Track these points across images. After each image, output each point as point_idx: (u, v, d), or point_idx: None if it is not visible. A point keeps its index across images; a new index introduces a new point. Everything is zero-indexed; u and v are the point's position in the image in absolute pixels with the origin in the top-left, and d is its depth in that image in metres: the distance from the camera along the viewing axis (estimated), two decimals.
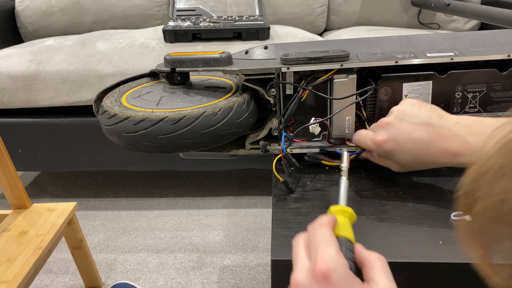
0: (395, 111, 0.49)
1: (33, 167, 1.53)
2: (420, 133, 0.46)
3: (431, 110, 0.48)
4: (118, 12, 1.79)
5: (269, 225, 1.41)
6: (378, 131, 0.50)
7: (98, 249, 1.33)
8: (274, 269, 0.43)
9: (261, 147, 0.61)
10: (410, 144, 0.47)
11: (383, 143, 0.48)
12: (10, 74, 1.32)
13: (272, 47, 0.63)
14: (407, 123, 0.47)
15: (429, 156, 0.46)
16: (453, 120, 0.46)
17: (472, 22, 1.81)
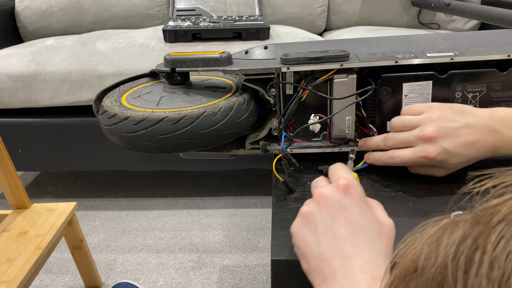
0: (433, 119, 0.48)
1: (33, 167, 1.53)
2: (465, 137, 0.47)
3: (462, 110, 0.48)
4: (118, 12, 1.79)
5: (269, 225, 1.41)
6: (425, 146, 0.48)
7: (98, 249, 1.33)
8: (274, 269, 0.43)
9: (261, 147, 0.61)
10: (459, 149, 0.47)
11: (437, 156, 0.48)
12: (10, 74, 1.32)
13: (272, 47, 0.63)
14: (450, 129, 0.47)
15: (474, 154, 0.48)
16: (486, 115, 0.48)
17: (472, 22, 1.81)
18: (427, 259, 0.20)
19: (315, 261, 0.36)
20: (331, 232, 0.36)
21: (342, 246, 0.35)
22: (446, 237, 0.20)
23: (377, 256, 0.36)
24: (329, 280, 0.35)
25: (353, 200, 0.38)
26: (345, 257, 0.35)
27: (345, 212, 0.37)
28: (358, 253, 0.35)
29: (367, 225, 0.37)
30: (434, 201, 0.50)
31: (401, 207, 0.49)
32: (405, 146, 0.50)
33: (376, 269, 0.35)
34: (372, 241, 0.36)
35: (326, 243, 0.36)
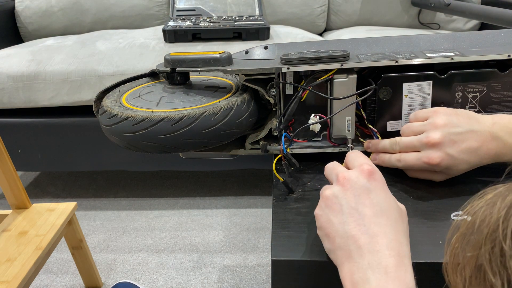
0: (438, 125, 0.48)
1: (33, 167, 1.53)
2: (469, 142, 0.47)
3: (467, 116, 0.49)
4: (118, 12, 1.79)
5: (269, 225, 1.41)
6: (429, 151, 0.48)
7: (98, 249, 1.33)
8: (274, 269, 0.43)
9: (261, 147, 0.61)
10: (463, 155, 0.47)
11: (441, 162, 0.48)
12: (10, 74, 1.32)
13: (272, 47, 0.63)
14: (455, 135, 0.47)
15: (477, 160, 0.48)
16: (490, 122, 0.48)
17: (472, 22, 1.81)
18: (482, 221, 0.25)
19: (340, 239, 0.37)
20: (357, 212, 0.38)
21: (368, 225, 0.37)
22: (500, 201, 0.24)
23: (400, 235, 0.37)
24: (355, 256, 0.36)
25: (377, 184, 0.39)
26: (371, 235, 0.36)
27: (369, 194, 0.39)
28: (383, 232, 0.36)
29: (390, 208, 0.38)
30: (434, 201, 0.50)
31: None
32: (411, 151, 0.50)
33: (401, 247, 0.36)
34: (395, 222, 0.38)
35: (351, 222, 0.37)
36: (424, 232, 0.45)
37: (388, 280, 0.34)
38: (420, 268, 0.41)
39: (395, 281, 0.34)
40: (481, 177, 0.53)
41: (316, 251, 0.43)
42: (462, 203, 0.49)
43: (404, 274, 0.34)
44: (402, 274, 0.34)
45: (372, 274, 0.34)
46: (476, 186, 0.52)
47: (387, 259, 0.35)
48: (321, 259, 0.42)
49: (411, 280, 0.34)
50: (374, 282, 0.34)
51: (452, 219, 0.47)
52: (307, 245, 0.44)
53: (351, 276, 0.35)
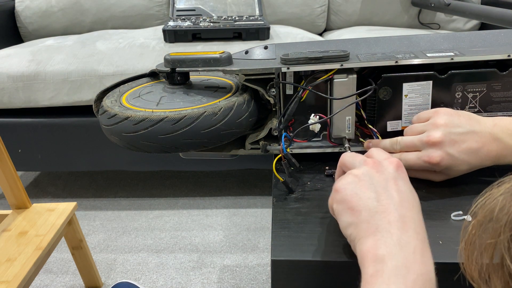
0: (439, 125, 0.48)
1: (33, 167, 1.53)
2: (469, 143, 0.47)
3: (468, 117, 0.49)
4: (118, 12, 1.79)
5: (269, 225, 1.41)
6: (429, 150, 0.48)
7: (98, 249, 1.33)
8: (274, 269, 0.43)
9: (261, 147, 0.61)
10: (464, 155, 0.47)
11: (441, 161, 0.48)
12: (10, 74, 1.32)
13: (272, 47, 0.63)
14: (456, 135, 0.47)
15: (477, 161, 0.48)
16: (490, 123, 0.48)
17: (472, 22, 1.81)
18: (502, 209, 0.25)
19: (368, 213, 0.37)
20: (386, 192, 0.38)
21: (396, 205, 0.37)
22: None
23: (423, 223, 0.38)
24: (382, 231, 0.36)
25: (404, 176, 0.41)
26: (400, 215, 0.37)
27: (397, 182, 0.39)
28: (411, 216, 0.37)
29: (414, 198, 0.39)
30: (434, 201, 0.50)
31: None
32: (412, 150, 0.50)
33: (425, 233, 0.37)
34: (418, 212, 0.38)
35: (382, 200, 0.38)
36: None
37: (416, 260, 0.34)
38: None
39: (421, 264, 0.34)
40: (481, 177, 0.53)
41: (316, 251, 0.43)
42: (462, 203, 0.49)
43: (428, 260, 0.34)
44: (426, 258, 0.34)
45: (400, 250, 0.34)
46: (476, 186, 0.52)
47: (415, 240, 0.35)
48: (321, 259, 0.42)
49: (432, 267, 0.34)
50: (401, 259, 0.33)
51: (452, 219, 0.47)
52: (307, 245, 0.44)
53: (376, 250, 0.35)
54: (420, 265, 0.33)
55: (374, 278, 0.33)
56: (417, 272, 0.33)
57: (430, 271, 0.34)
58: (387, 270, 0.33)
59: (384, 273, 0.33)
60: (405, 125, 0.57)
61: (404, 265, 0.33)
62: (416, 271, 0.33)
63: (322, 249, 0.43)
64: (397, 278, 0.32)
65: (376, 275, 0.33)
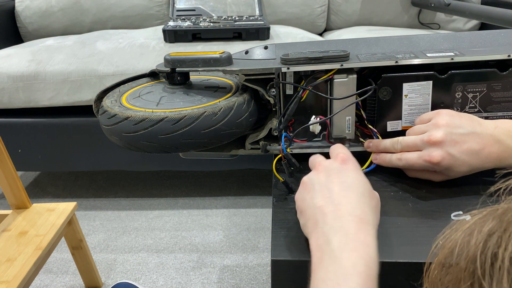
0: (441, 125, 0.48)
1: (33, 167, 1.53)
2: (471, 144, 0.47)
3: (470, 119, 0.49)
4: (118, 12, 1.79)
5: (269, 225, 1.41)
6: (430, 150, 0.48)
7: (98, 249, 1.33)
8: (274, 269, 0.43)
9: (261, 147, 0.61)
10: (464, 156, 0.47)
11: (442, 161, 0.48)
12: (10, 74, 1.32)
13: (272, 47, 0.63)
14: (457, 135, 0.47)
15: (478, 163, 0.48)
16: (492, 125, 0.48)
17: (472, 22, 1.81)
18: (460, 252, 0.24)
19: (310, 210, 0.41)
20: (326, 188, 0.41)
21: (334, 197, 0.40)
22: (476, 232, 0.24)
23: (365, 206, 0.40)
24: (320, 223, 0.39)
25: (348, 167, 0.43)
26: (336, 204, 0.39)
27: (339, 174, 0.42)
28: (348, 201, 0.39)
29: (359, 185, 0.41)
30: (434, 201, 0.50)
31: (401, 207, 0.49)
32: (413, 150, 0.50)
33: (364, 215, 0.39)
34: (362, 196, 0.40)
35: (320, 196, 0.41)
36: (424, 232, 0.45)
37: (349, 240, 0.36)
38: (419, 268, 0.41)
39: (355, 242, 0.36)
40: (481, 177, 0.53)
41: None
42: (462, 203, 0.49)
43: (364, 237, 0.37)
44: (362, 236, 0.36)
45: (334, 235, 0.37)
46: (476, 186, 0.52)
47: (348, 223, 0.37)
48: None
49: (372, 242, 0.37)
50: (335, 243, 0.36)
51: (452, 219, 0.47)
52: (307, 245, 0.44)
53: (317, 241, 0.38)
54: (353, 243, 0.36)
55: (316, 265, 0.36)
56: (350, 249, 0.35)
57: (366, 245, 0.36)
58: (325, 256, 0.36)
59: (323, 259, 0.36)
60: (405, 125, 0.57)
61: (338, 248, 0.36)
62: (349, 249, 0.35)
63: None
64: (332, 260, 0.35)
65: (318, 262, 0.36)
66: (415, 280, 0.42)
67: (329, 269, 0.35)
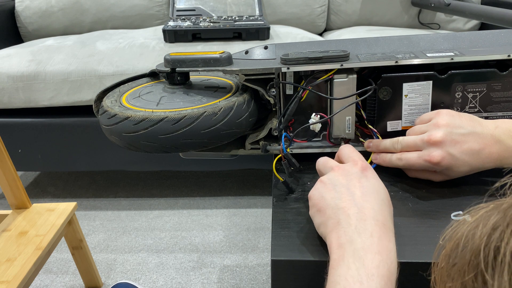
0: (441, 125, 0.48)
1: (33, 167, 1.53)
2: (471, 144, 0.47)
3: (470, 119, 0.49)
4: (118, 12, 1.79)
5: (269, 225, 1.41)
6: (430, 149, 0.48)
7: (98, 249, 1.33)
8: (274, 269, 0.43)
9: (261, 147, 0.61)
10: (464, 156, 0.47)
11: (442, 160, 0.48)
12: (10, 74, 1.32)
13: (272, 47, 0.63)
14: (457, 135, 0.47)
15: (479, 163, 0.48)
16: (492, 125, 0.48)
17: (472, 22, 1.81)
18: (466, 245, 0.25)
19: (331, 210, 0.41)
20: (348, 191, 0.42)
21: (357, 200, 0.41)
22: (481, 226, 0.24)
23: (386, 213, 0.41)
24: (343, 223, 0.39)
25: (368, 174, 0.43)
26: (359, 207, 0.40)
27: (360, 179, 0.43)
28: (370, 206, 0.40)
29: (379, 190, 0.42)
30: (434, 201, 0.50)
31: (401, 207, 0.49)
32: (413, 150, 0.51)
33: (386, 221, 0.39)
34: (382, 203, 0.41)
35: (343, 197, 0.41)
36: (424, 232, 0.45)
37: (373, 243, 0.37)
38: (420, 268, 0.41)
39: (379, 246, 0.37)
40: (481, 177, 0.53)
41: (316, 251, 0.43)
42: (462, 203, 0.49)
43: (387, 242, 0.37)
44: (385, 241, 0.37)
45: (358, 236, 0.37)
46: (476, 186, 0.52)
47: (372, 226, 0.38)
48: (321, 259, 0.42)
49: (394, 249, 0.38)
50: (359, 244, 0.37)
51: (452, 219, 0.47)
52: (307, 245, 0.44)
53: (338, 239, 0.38)
54: (377, 246, 0.36)
55: (337, 262, 0.37)
56: (374, 252, 0.36)
57: (389, 251, 0.37)
58: (347, 254, 0.36)
59: (344, 257, 0.36)
60: (405, 125, 0.57)
61: (362, 248, 0.36)
62: (373, 251, 0.36)
63: (322, 249, 0.43)
64: (355, 259, 0.36)
65: (339, 259, 0.37)
66: (415, 280, 0.42)
67: (351, 267, 0.35)
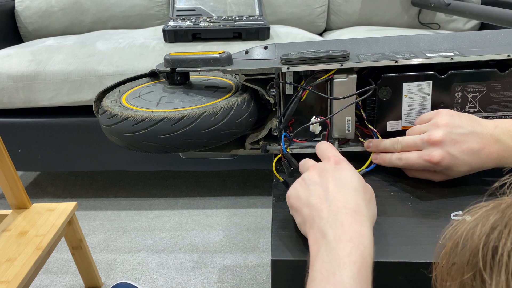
0: (441, 125, 0.48)
1: (33, 167, 1.53)
2: (470, 143, 0.47)
3: (470, 119, 0.49)
4: (118, 12, 1.79)
5: (269, 225, 1.41)
6: (430, 149, 0.48)
7: (98, 249, 1.33)
8: (274, 269, 0.43)
9: (261, 147, 0.61)
10: (464, 156, 0.47)
11: (442, 160, 0.48)
12: (10, 74, 1.32)
13: (272, 47, 0.63)
14: (457, 135, 0.48)
15: (478, 163, 0.48)
16: (492, 125, 0.48)
17: (472, 22, 1.81)
18: (465, 244, 0.25)
19: (307, 209, 0.41)
20: (320, 187, 0.42)
21: (329, 194, 0.41)
22: (481, 225, 0.25)
23: (359, 200, 0.41)
24: (316, 219, 0.40)
25: (341, 166, 0.44)
26: (331, 200, 0.40)
27: (334, 173, 0.43)
28: (342, 196, 0.40)
29: (352, 181, 0.42)
30: (434, 201, 0.50)
31: (401, 207, 0.49)
32: (413, 150, 0.51)
33: (358, 208, 0.40)
34: (355, 190, 0.41)
35: (315, 194, 0.42)
36: (424, 232, 0.45)
37: (344, 232, 0.37)
38: (420, 267, 0.41)
39: (350, 233, 0.37)
40: (481, 177, 0.53)
41: None
42: (462, 203, 0.49)
43: (359, 228, 0.38)
44: (357, 227, 0.38)
45: (330, 228, 0.38)
46: (476, 186, 0.52)
47: (343, 216, 0.38)
48: None
49: (367, 233, 0.38)
50: (331, 235, 0.37)
51: (452, 219, 0.47)
52: (307, 245, 0.44)
53: (314, 236, 0.39)
54: (348, 234, 0.37)
55: (314, 258, 0.37)
56: (346, 240, 0.36)
57: (361, 236, 0.37)
58: (322, 248, 0.37)
59: (319, 251, 0.37)
60: (405, 125, 0.57)
61: (333, 239, 0.37)
62: (344, 240, 0.36)
63: None
64: (329, 251, 0.36)
65: (315, 254, 0.38)
66: (415, 280, 0.42)
67: (325, 260, 0.36)
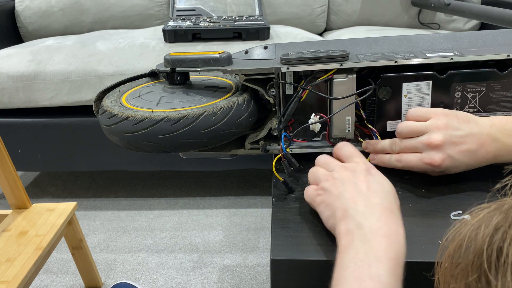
0: (440, 127, 0.49)
1: (33, 167, 1.53)
2: (468, 145, 0.48)
3: (467, 119, 0.49)
4: (118, 12, 1.79)
5: (269, 225, 1.41)
6: (430, 153, 0.49)
7: (98, 249, 1.33)
8: (274, 269, 0.43)
9: (261, 147, 0.61)
10: (462, 157, 0.48)
11: (442, 163, 0.48)
12: (10, 74, 1.32)
13: (272, 47, 0.63)
14: (456, 137, 0.48)
15: (475, 162, 0.49)
16: (488, 124, 0.49)
17: (472, 22, 1.81)
18: (469, 245, 0.25)
19: (339, 202, 0.42)
20: (355, 185, 0.43)
21: (363, 192, 0.42)
22: (484, 226, 0.25)
23: (393, 201, 0.42)
24: (350, 211, 0.40)
25: (373, 172, 0.45)
26: (366, 197, 0.41)
27: (366, 176, 0.44)
28: (377, 195, 0.41)
29: (384, 186, 0.43)
30: (434, 201, 0.50)
31: (401, 207, 0.49)
32: (411, 152, 0.51)
33: (393, 207, 0.41)
34: (388, 193, 0.42)
35: (350, 190, 0.42)
36: (424, 232, 0.45)
37: (381, 227, 0.38)
38: (420, 267, 0.41)
39: (386, 228, 0.37)
40: (481, 177, 0.53)
41: (316, 251, 0.43)
42: (462, 203, 0.49)
43: (395, 226, 0.38)
44: (393, 225, 0.38)
45: (366, 220, 0.38)
46: (476, 186, 0.52)
47: (379, 212, 0.39)
48: (321, 259, 0.42)
49: (402, 232, 0.38)
50: (367, 228, 0.38)
51: (452, 219, 0.47)
52: (307, 245, 0.44)
53: (346, 226, 0.39)
54: (385, 230, 0.37)
55: (345, 247, 0.37)
56: (382, 235, 0.37)
57: (397, 234, 0.38)
58: (356, 238, 0.37)
59: (353, 241, 0.37)
60: None
61: (370, 232, 0.37)
62: (381, 234, 0.37)
63: (322, 249, 0.43)
64: (364, 243, 0.37)
65: (347, 244, 0.38)
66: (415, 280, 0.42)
67: (360, 251, 0.36)
